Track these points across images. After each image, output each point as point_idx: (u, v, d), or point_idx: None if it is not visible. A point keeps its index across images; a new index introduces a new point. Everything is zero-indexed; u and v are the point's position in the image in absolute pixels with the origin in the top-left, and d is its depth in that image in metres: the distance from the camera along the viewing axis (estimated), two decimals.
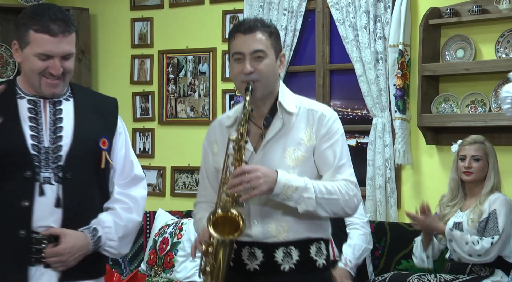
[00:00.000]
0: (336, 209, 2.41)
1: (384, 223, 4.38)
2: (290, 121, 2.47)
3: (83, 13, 5.60)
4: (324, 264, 2.49)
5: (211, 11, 5.26)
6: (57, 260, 2.34)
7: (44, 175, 2.34)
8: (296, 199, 2.35)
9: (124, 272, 4.84)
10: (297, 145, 2.44)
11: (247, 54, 2.42)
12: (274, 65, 2.47)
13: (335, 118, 2.50)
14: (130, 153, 2.59)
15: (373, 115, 4.53)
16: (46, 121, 2.40)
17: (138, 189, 2.57)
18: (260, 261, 2.43)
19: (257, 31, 2.43)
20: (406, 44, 4.39)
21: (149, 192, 5.46)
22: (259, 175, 2.30)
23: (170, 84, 5.49)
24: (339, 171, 2.45)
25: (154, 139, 5.56)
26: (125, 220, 2.48)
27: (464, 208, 3.78)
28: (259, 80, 2.42)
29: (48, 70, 2.34)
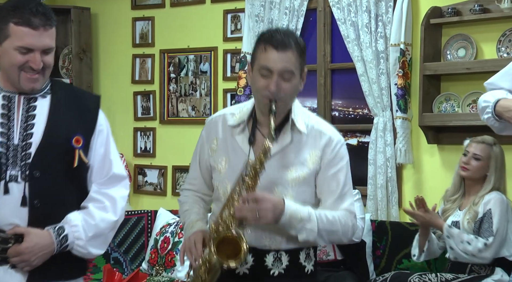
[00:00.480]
0: (334, 238, 2.48)
1: (385, 222, 4.38)
2: (298, 140, 2.45)
3: (84, 12, 5.61)
4: (312, 270, 2.52)
5: (212, 10, 5.26)
6: (19, 260, 2.28)
7: (11, 172, 2.29)
8: (298, 229, 2.37)
9: (125, 271, 4.84)
10: (300, 166, 2.44)
11: (276, 72, 2.36)
12: (297, 84, 2.43)
13: (342, 144, 2.50)
14: (111, 152, 2.49)
15: (374, 114, 4.53)
16: (18, 118, 2.35)
17: (117, 188, 2.47)
18: (250, 265, 2.44)
19: (290, 49, 2.36)
20: (407, 43, 4.38)
21: (151, 191, 5.52)
22: (269, 207, 2.31)
23: (171, 83, 5.49)
24: (340, 200, 2.46)
25: (155, 138, 5.56)
26: (97, 219, 2.39)
27: (462, 207, 3.78)
28: (282, 100, 2.38)
29: (28, 64, 2.30)
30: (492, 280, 3.59)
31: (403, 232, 4.27)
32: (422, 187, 4.47)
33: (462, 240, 3.57)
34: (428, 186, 4.44)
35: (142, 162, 5.62)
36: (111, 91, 5.72)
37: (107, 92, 5.73)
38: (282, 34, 2.38)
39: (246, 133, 2.48)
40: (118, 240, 4.95)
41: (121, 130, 5.65)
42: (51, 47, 2.35)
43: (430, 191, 4.39)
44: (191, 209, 2.60)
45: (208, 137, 2.58)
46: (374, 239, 4.36)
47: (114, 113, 5.69)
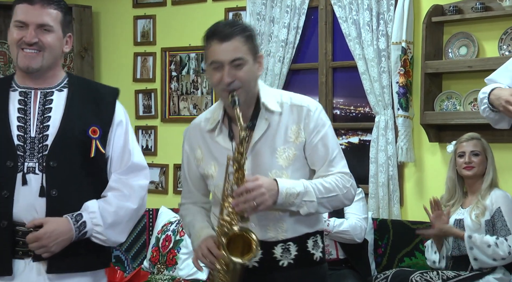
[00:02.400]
0: (336, 203, 2.45)
1: (386, 221, 4.38)
2: (275, 120, 2.44)
3: (86, 11, 5.61)
4: (320, 257, 2.51)
5: (214, 8, 5.26)
6: (37, 245, 2.30)
7: (28, 164, 2.34)
8: (298, 204, 2.36)
9: (127, 269, 4.85)
10: (286, 144, 2.43)
11: (226, 63, 2.36)
12: (253, 69, 2.41)
13: (320, 110, 2.48)
14: (130, 142, 2.53)
15: (375, 113, 4.53)
16: (35, 111, 2.41)
17: (137, 177, 2.50)
18: (259, 258, 2.43)
19: (234, 37, 2.36)
20: (409, 41, 4.38)
21: (152, 190, 5.52)
22: (263, 191, 2.29)
23: (172, 81, 5.49)
24: (332, 164, 2.44)
25: (156, 137, 5.56)
26: (115, 206, 2.41)
27: (465, 205, 3.78)
28: (240, 87, 2.38)
29: (23, 39, 2.37)
30: (493, 278, 3.59)
31: (404, 230, 4.27)
32: (424, 185, 4.47)
33: (489, 244, 3.54)
34: (430, 184, 4.44)
35: None
36: None
37: None
38: (223, 25, 2.40)
39: (225, 132, 2.48)
40: None
41: None
42: (48, 25, 2.39)
43: (432, 189, 4.39)
44: (194, 218, 2.58)
45: (191, 148, 2.60)
46: (375, 238, 4.36)
47: None
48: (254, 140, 2.43)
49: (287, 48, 4.84)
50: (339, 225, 3.97)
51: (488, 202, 3.66)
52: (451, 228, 3.65)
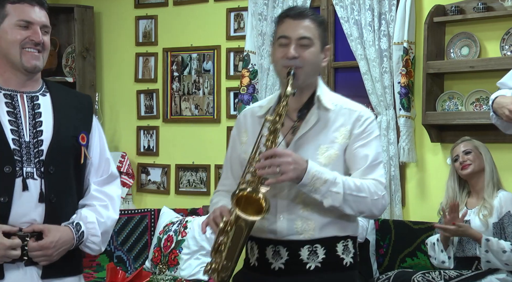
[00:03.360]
0: (363, 208, 2.35)
1: (388, 221, 4.38)
2: (326, 118, 2.40)
3: (88, 11, 5.61)
4: (351, 263, 2.43)
5: (216, 8, 5.26)
6: (41, 254, 2.30)
7: (26, 169, 2.32)
8: (323, 192, 2.28)
9: (128, 269, 4.85)
10: (330, 143, 2.38)
11: (293, 40, 2.36)
12: (318, 55, 2.41)
13: (372, 120, 2.45)
14: (106, 150, 2.57)
15: (377, 113, 4.53)
16: (25, 115, 2.37)
17: (113, 187, 2.55)
18: (285, 260, 2.38)
19: (307, 18, 2.38)
20: (410, 41, 4.38)
21: (154, 190, 5.52)
22: (290, 161, 2.24)
23: (174, 82, 5.49)
24: (369, 170, 2.37)
25: (158, 137, 5.56)
26: (105, 217, 2.46)
27: (470, 205, 3.77)
28: (301, 67, 2.36)
29: (29, 38, 2.34)
30: (496, 279, 3.59)
31: (406, 231, 4.27)
32: (426, 186, 4.47)
33: (504, 250, 3.53)
34: (432, 185, 4.43)
35: (145, 160, 5.62)
36: (114, 90, 5.73)
37: (110, 91, 5.73)
38: (299, 7, 2.46)
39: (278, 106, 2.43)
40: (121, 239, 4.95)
41: (124, 129, 5.66)
42: (48, 26, 2.41)
43: (434, 189, 4.39)
44: (221, 200, 2.52)
45: (238, 133, 2.56)
46: (377, 238, 4.35)
47: (117, 111, 5.70)
48: (300, 133, 2.39)
49: None
50: None
51: (496, 203, 3.66)
52: (469, 228, 3.62)
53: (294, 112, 2.43)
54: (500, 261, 3.54)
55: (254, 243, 2.46)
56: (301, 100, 2.43)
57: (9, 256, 2.27)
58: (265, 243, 2.40)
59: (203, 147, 5.31)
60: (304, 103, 2.43)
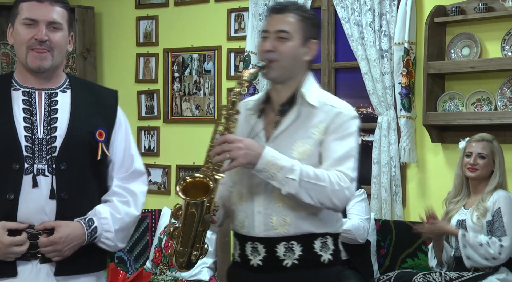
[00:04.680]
0: (322, 197, 2.29)
1: (389, 221, 4.38)
2: (307, 114, 2.40)
3: (88, 11, 5.61)
4: (330, 259, 2.42)
5: (216, 9, 5.26)
6: (52, 250, 2.29)
7: (38, 166, 2.30)
8: (280, 179, 2.27)
9: (129, 270, 4.85)
10: (307, 139, 2.38)
11: (271, 33, 2.39)
12: (297, 49, 2.40)
13: (351, 117, 2.42)
14: (131, 147, 2.52)
15: (378, 113, 4.53)
16: (41, 112, 2.36)
17: (138, 183, 2.50)
18: (262, 256, 2.40)
19: (288, 12, 2.40)
20: (411, 42, 4.38)
21: (155, 190, 5.52)
22: (240, 146, 2.25)
23: (175, 82, 5.49)
24: (338, 163, 2.34)
25: (159, 137, 5.56)
26: (123, 213, 2.42)
27: (468, 206, 3.78)
28: (277, 60, 2.38)
29: (34, 37, 2.32)
30: (496, 279, 3.59)
31: (407, 231, 4.26)
32: (426, 186, 4.47)
33: (481, 243, 3.54)
34: (432, 185, 4.43)
35: (146, 161, 5.55)
36: None
37: None
38: (284, 2, 2.45)
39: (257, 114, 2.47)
40: None
41: None
42: (57, 22, 2.36)
43: (434, 190, 4.39)
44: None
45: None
46: (378, 238, 4.35)
47: None
48: (280, 128, 2.40)
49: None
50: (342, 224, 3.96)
51: (490, 203, 3.66)
52: (445, 225, 3.65)
53: (277, 106, 2.44)
54: (480, 255, 3.54)
55: (236, 239, 2.50)
56: (285, 95, 2.44)
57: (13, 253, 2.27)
58: (245, 240, 2.43)
59: (204, 148, 5.26)
60: (288, 98, 2.44)
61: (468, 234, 3.57)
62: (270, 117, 2.44)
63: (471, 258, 3.57)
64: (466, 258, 3.59)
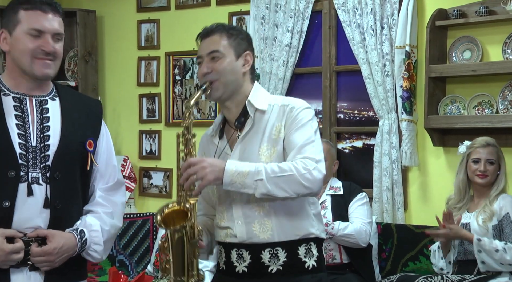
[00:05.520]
0: (294, 185, 2.34)
1: (391, 225, 4.37)
2: (261, 119, 2.47)
3: (90, 15, 5.62)
4: (314, 266, 2.47)
5: (218, 12, 5.27)
6: (44, 260, 2.30)
7: (32, 174, 2.30)
8: (249, 184, 2.33)
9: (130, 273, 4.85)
10: (269, 142, 2.45)
11: (204, 57, 2.48)
12: (233, 64, 2.47)
13: (304, 108, 2.48)
14: (113, 157, 2.56)
15: (379, 116, 4.52)
16: (33, 120, 2.35)
17: (119, 194, 2.55)
18: (248, 262, 2.45)
19: (213, 34, 2.48)
20: (412, 45, 4.38)
21: (156, 194, 5.52)
22: (204, 165, 2.32)
23: (176, 86, 5.50)
24: (300, 151, 2.40)
25: (160, 141, 5.56)
26: (109, 225, 2.46)
27: (471, 209, 3.76)
28: (217, 79, 2.45)
29: (40, 48, 2.32)
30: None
31: (408, 235, 4.26)
32: (428, 189, 4.46)
33: (497, 249, 3.52)
34: (434, 188, 4.43)
35: (147, 164, 5.62)
36: (116, 93, 5.73)
37: (112, 95, 5.74)
38: (209, 26, 2.52)
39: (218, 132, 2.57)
40: (123, 243, 4.95)
41: (126, 133, 5.66)
42: (61, 33, 2.39)
43: (436, 193, 4.38)
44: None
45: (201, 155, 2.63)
46: (379, 242, 4.35)
47: (120, 115, 5.70)
48: (239, 139, 2.48)
49: (291, 52, 4.84)
50: (344, 229, 3.96)
51: (496, 207, 3.65)
52: (460, 230, 3.61)
53: (233, 122, 2.52)
54: (494, 261, 3.53)
55: (221, 247, 2.54)
56: (238, 110, 2.51)
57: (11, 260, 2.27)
58: (230, 247, 2.47)
59: None
60: (240, 112, 2.50)
61: (483, 239, 3.54)
62: (230, 134, 2.53)
63: (486, 263, 3.55)
64: (481, 262, 3.57)
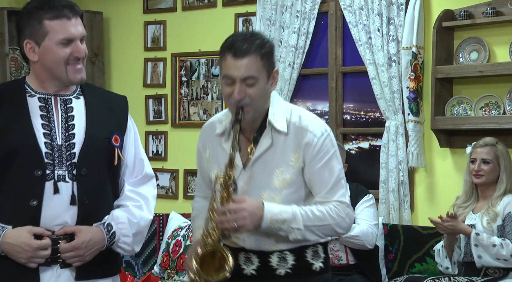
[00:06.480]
0: (328, 232, 2.41)
1: (397, 226, 4.37)
2: (280, 141, 2.41)
3: (97, 16, 5.63)
4: (321, 267, 2.48)
5: (224, 14, 5.27)
6: (73, 255, 2.32)
7: (58, 172, 2.33)
8: (285, 229, 2.34)
9: (137, 274, 4.85)
10: (285, 167, 2.40)
11: (238, 80, 2.33)
12: (265, 87, 2.38)
13: (325, 136, 2.42)
14: (140, 151, 2.57)
15: (386, 118, 4.52)
16: (58, 119, 2.38)
17: (148, 187, 2.55)
18: (256, 265, 2.44)
19: (249, 56, 2.32)
20: (419, 46, 4.37)
21: (162, 195, 5.53)
22: (245, 215, 2.29)
23: (183, 87, 5.50)
24: (330, 192, 2.40)
25: (167, 142, 5.57)
26: (138, 217, 2.46)
27: (476, 210, 3.76)
28: (249, 105, 2.36)
29: (72, 55, 2.33)
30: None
31: (415, 236, 4.26)
32: (434, 191, 4.45)
33: (494, 244, 3.53)
34: (440, 190, 4.42)
35: (153, 165, 5.56)
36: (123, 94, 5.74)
37: None
38: (241, 40, 2.35)
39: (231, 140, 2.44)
40: None
41: None
42: (85, 34, 2.40)
43: (442, 194, 4.38)
44: (198, 214, 2.61)
45: (203, 146, 2.60)
46: (386, 243, 4.34)
47: None
48: (254, 156, 2.42)
49: (297, 53, 4.84)
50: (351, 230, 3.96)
51: (500, 208, 3.65)
52: (459, 223, 3.62)
53: (251, 133, 2.45)
54: (491, 255, 3.53)
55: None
56: (256, 123, 2.44)
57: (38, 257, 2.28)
58: (237, 250, 2.46)
59: None
60: (258, 127, 2.45)
61: (482, 234, 3.55)
62: (244, 145, 2.45)
63: (482, 258, 3.56)
64: (477, 257, 3.58)
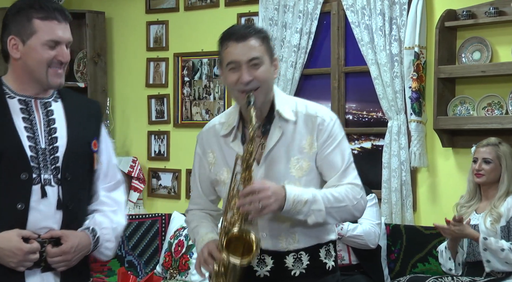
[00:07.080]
0: (346, 215, 2.40)
1: (399, 226, 4.36)
2: (289, 130, 2.41)
3: (99, 17, 5.64)
4: (333, 266, 2.49)
5: (226, 14, 5.27)
6: (61, 260, 2.31)
7: (44, 176, 2.31)
8: (305, 212, 2.31)
9: (139, 274, 4.86)
10: (300, 154, 2.40)
11: (244, 63, 2.35)
12: (270, 70, 2.40)
13: (334, 121, 2.45)
14: (113, 156, 2.57)
15: (388, 118, 4.52)
16: (40, 122, 2.36)
17: (120, 192, 2.55)
18: (270, 267, 2.43)
19: (251, 37, 2.36)
20: (421, 46, 4.37)
21: (165, 195, 5.53)
22: (269, 194, 2.25)
23: (185, 87, 5.50)
24: (343, 175, 2.40)
25: (169, 142, 5.57)
26: (116, 222, 2.47)
27: (480, 210, 3.76)
28: (259, 87, 2.36)
29: (56, 58, 2.32)
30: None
31: (417, 236, 4.25)
32: (437, 191, 4.45)
33: (503, 248, 3.51)
34: (443, 190, 4.42)
35: (156, 165, 5.63)
36: (125, 94, 5.75)
37: (121, 96, 5.75)
38: (238, 27, 2.43)
39: (239, 138, 2.46)
40: (132, 244, 4.96)
41: (135, 134, 5.68)
42: (71, 41, 2.39)
43: (445, 194, 4.37)
44: (200, 224, 2.58)
45: (203, 152, 2.58)
46: (388, 243, 4.34)
47: (128, 116, 5.72)
48: (268, 148, 2.40)
49: (299, 53, 4.84)
50: (353, 229, 3.96)
51: (503, 209, 3.64)
52: (466, 228, 3.61)
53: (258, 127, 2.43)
54: (499, 260, 3.52)
55: None
56: (262, 115, 2.43)
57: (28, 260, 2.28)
58: None
59: None
60: (265, 118, 2.43)
61: (490, 238, 3.54)
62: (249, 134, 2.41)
63: (491, 262, 3.55)
64: (486, 261, 3.57)
